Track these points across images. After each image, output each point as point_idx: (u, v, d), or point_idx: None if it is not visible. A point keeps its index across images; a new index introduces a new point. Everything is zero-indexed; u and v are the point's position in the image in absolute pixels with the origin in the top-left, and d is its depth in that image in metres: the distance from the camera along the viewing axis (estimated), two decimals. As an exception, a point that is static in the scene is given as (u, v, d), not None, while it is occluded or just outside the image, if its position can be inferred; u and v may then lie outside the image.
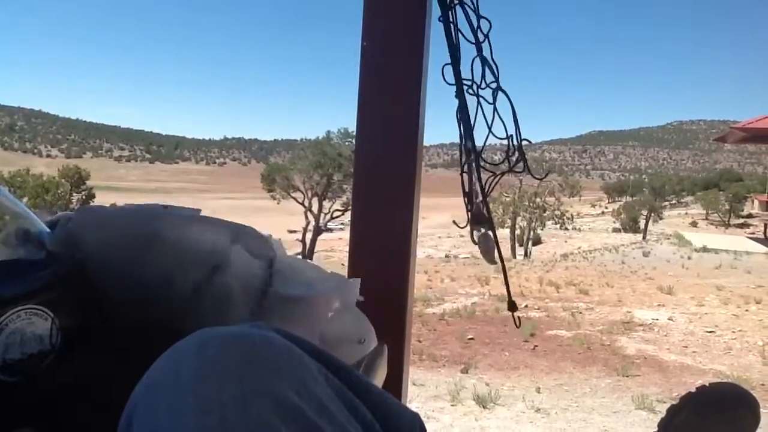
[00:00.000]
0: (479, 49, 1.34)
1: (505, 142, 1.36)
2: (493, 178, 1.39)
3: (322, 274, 0.99)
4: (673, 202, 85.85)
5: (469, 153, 1.40)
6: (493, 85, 1.34)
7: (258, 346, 0.45)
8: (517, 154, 1.36)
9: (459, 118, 1.39)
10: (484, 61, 1.34)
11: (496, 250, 1.41)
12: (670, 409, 1.18)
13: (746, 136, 14.00)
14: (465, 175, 1.41)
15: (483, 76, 1.35)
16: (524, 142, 1.36)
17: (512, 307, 1.52)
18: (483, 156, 1.40)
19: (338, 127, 36.13)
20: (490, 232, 1.42)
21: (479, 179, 1.40)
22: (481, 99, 1.35)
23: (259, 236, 0.84)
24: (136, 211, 0.75)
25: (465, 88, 1.36)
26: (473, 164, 1.39)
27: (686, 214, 70.17)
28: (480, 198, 1.40)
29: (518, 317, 1.52)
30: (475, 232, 1.41)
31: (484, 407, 5.07)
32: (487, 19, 1.34)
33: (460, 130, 1.40)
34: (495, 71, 1.34)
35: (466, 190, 1.40)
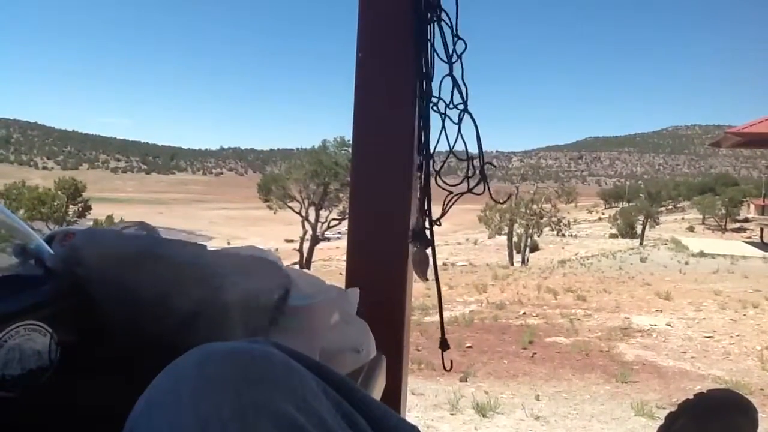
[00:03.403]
0: (451, 69, 1.35)
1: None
2: (451, 197, 1.39)
3: (322, 285, 0.99)
4: (670, 207, 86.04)
5: (420, 168, 1.41)
6: (461, 107, 1.35)
7: (257, 362, 0.46)
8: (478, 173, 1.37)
9: (420, 135, 1.40)
10: (454, 82, 1.35)
11: (430, 268, 1.41)
12: (669, 416, 1.19)
13: (741, 140, 14.03)
14: (421, 190, 1.42)
15: (451, 96, 1.36)
16: (488, 164, 1.36)
17: (444, 345, 1.50)
18: (450, 174, 1.41)
19: (334, 136, 36.17)
20: (428, 250, 1.43)
21: (428, 196, 1.41)
22: (446, 119, 1.37)
23: (273, 267, 0.85)
24: (138, 232, 0.76)
25: (431, 104, 1.37)
26: (424, 180, 1.40)
27: (683, 219, 70.32)
28: (422, 214, 1.41)
29: (451, 361, 1.50)
30: (412, 247, 1.42)
31: (483, 416, 5.06)
32: (463, 40, 1.35)
33: (420, 146, 1.40)
34: (462, 93, 1.35)
35: (424, 206, 1.41)
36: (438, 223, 1.43)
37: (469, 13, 1.35)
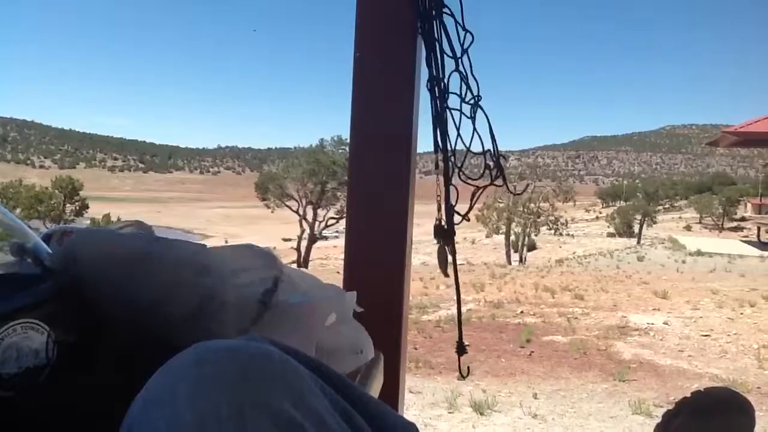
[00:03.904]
0: (457, 64, 1.34)
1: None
2: (475, 191, 1.39)
3: (319, 284, 0.99)
4: (667, 206, 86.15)
5: (437, 165, 1.41)
6: (471, 101, 1.35)
7: (254, 360, 0.45)
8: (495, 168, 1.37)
9: (435, 132, 1.40)
10: (462, 76, 1.35)
11: (449, 264, 1.42)
12: (666, 415, 1.19)
13: (738, 140, 14.04)
14: (443, 187, 1.42)
15: (461, 91, 1.36)
16: (501, 158, 1.36)
17: (461, 349, 1.50)
18: (463, 169, 1.41)
19: (332, 135, 36.20)
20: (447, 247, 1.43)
21: (447, 194, 1.40)
22: (459, 114, 1.36)
23: (262, 254, 0.85)
24: (135, 232, 0.76)
25: (444, 104, 1.37)
26: (448, 176, 1.40)
27: (680, 218, 70.39)
28: (443, 212, 1.41)
29: (467, 366, 1.50)
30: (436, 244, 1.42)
31: (481, 414, 5.07)
32: (470, 33, 1.34)
33: (436, 144, 1.40)
34: (472, 87, 1.35)
35: (447, 202, 1.41)
36: (467, 218, 1.42)
37: (466, 12, 1.35)
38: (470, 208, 1.41)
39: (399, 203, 1.44)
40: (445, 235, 1.40)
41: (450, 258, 1.43)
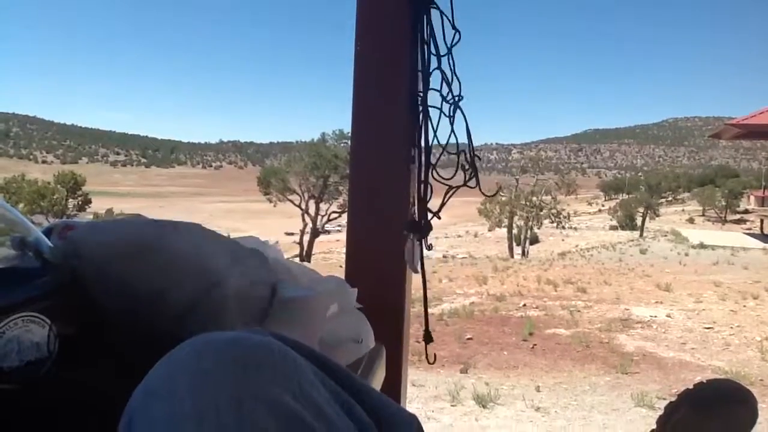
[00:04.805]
0: (439, 62, 1.35)
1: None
2: (449, 190, 1.39)
3: (320, 277, 1.00)
4: (670, 199, 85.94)
5: (415, 160, 1.41)
6: (452, 100, 1.35)
7: (253, 351, 0.45)
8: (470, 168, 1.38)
9: (416, 127, 1.40)
10: (444, 75, 1.35)
11: (419, 260, 1.42)
12: (668, 406, 1.18)
13: (741, 132, 14.00)
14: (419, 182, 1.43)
15: (443, 90, 1.36)
16: (476, 158, 1.37)
17: (428, 338, 1.57)
18: (438, 167, 1.41)
19: (333, 129, 36.16)
20: (419, 242, 1.43)
21: (422, 188, 1.41)
22: (439, 112, 1.37)
23: (260, 261, 0.85)
24: (135, 223, 0.76)
25: (419, 99, 1.37)
26: (421, 173, 1.40)
27: (683, 210, 70.29)
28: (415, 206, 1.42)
29: (435, 354, 1.56)
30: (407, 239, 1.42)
31: (483, 407, 5.07)
32: (458, 31, 1.34)
33: (416, 140, 1.40)
34: (452, 87, 1.35)
35: (421, 196, 1.42)
36: (438, 216, 1.43)
37: (468, 5, 1.34)
38: (440, 207, 1.42)
39: (401, 196, 1.44)
40: (418, 229, 1.40)
41: (419, 252, 1.44)
